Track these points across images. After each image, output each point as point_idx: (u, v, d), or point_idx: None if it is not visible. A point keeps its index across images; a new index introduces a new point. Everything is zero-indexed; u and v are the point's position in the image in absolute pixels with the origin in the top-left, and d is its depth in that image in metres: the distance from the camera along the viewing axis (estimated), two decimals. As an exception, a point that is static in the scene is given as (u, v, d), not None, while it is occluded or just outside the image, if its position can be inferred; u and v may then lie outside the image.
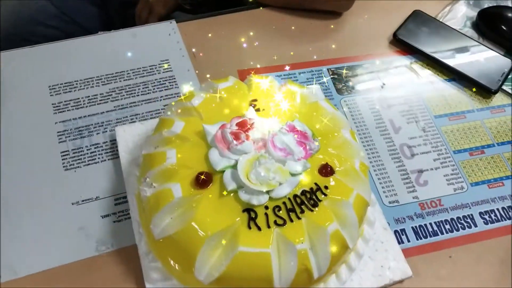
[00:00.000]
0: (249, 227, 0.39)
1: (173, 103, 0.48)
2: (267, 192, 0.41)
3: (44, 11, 0.88)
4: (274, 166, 0.41)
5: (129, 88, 0.58)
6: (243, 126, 0.43)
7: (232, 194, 0.41)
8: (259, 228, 0.39)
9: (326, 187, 0.42)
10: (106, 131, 0.54)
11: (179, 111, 0.46)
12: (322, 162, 0.44)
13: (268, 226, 0.40)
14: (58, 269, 0.45)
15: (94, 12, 0.91)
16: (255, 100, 0.47)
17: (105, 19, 0.88)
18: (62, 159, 0.52)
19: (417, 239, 0.51)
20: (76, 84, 0.58)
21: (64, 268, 0.45)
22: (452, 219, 0.53)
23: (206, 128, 0.43)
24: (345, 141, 0.46)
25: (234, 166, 0.41)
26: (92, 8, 0.92)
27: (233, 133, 0.42)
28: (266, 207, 0.41)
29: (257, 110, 0.46)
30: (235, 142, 0.42)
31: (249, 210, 0.40)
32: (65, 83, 0.58)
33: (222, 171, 0.41)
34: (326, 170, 0.43)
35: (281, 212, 0.41)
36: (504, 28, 0.70)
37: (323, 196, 0.42)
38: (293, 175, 0.42)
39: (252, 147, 0.42)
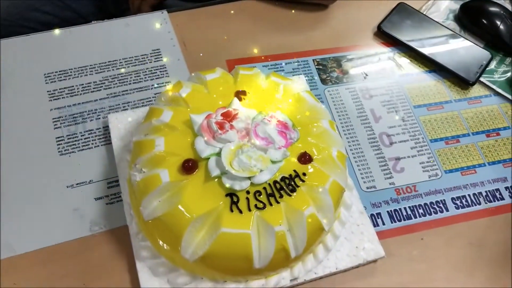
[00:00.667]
0: (231, 210, 0.43)
1: (162, 93, 0.50)
2: (249, 178, 0.44)
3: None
4: (256, 154, 0.44)
5: (121, 76, 0.61)
6: (228, 116, 0.46)
7: (216, 180, 0.44)
8: (240, 211, 0.43)
9: (304, 174, 0.45)
10: (99, 118, 0.57)
11: (168, 100, 0.49)
12: (301, 150, 0.46)
13: (249, 210, 0.43)
14: (54, 247, 0.48)
15: (88, 1, 0.93)
16: (240, 92, 0.49)
17: (99, 4, 0.90)
18: (57, 145, 0.55)
19: (392, 223, 0.54)
20: (71, 72, 0.60)
21: (60, 246, 0.48)
22: (425, 204, 0.56)
23: (192, 118, 0.46)
24: (324, 131, 0.49)
25: (219, 154, 0.44)
26: (86, -5, 0.93)
27: (218, 123, 0.45)
28: (248, 192, 0.44)
29: (242, 101, 0.49)
30: (219, 131, 0.45)
31: (231, 195, 0.43)
32: (60, 71, 0.60)
33: (207, 158, 0.44)
34: (304, 158, 0.46)
35: (261, 196, 0.44)
36: (485, 22, 0.72)
37: (301, 182, 0.45)
38: (273, 162, 0.45)
39: (235, 136, 0.45)
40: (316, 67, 0.66)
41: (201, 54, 0.64)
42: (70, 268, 0.47)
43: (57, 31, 0.64)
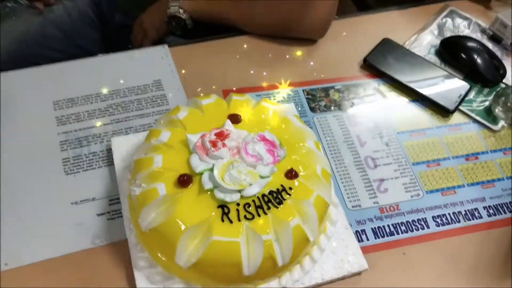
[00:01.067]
0: (223, 220, 0.46)
1: (162, 117, 0.55)
2: (239, 191, 0.48)
3: (50, 35, 0.96)
4: (246, 169, 0.48)
5: (124, 104, 0.66)
6: (221, 136, 0.51)
7: (209, 193, 0.48)
8: (231, 221, 0.46)
9: (290, 188, 0.49)
10: (103, 142, 0.62)
11: (167, 123, 0.54)
12: (288, 167, 0.51)
13: (239, 220, 0.47)
14: (59, 258, 0.51)
15: (95, 36, 1.00)
16: (233, 115, 0.54)
17: (105, 41, 0.96)
18: (64, 165, 0.59)
19: (375, 238, 0.58)
20: (78, 100, 0.65)
21: (64, 257, 0.51)
22: (407, 221, 0.60)
23: (188, 137, 0.50)
24: (309, 151, 0.53)
25: (211, 169, 0.48)
26: (93, 32, 1.00)
27: (211, 141, 0.50)
28: (238, 204, 0.47)
29: (234, 122, 0.53)
30: (212, 149, 0.49)
31: (223, 206, 0.47)
32: (67, 99, 0.65)
33: (201, 173, 0.48)
34: (291, 174, 0.50)
35: (250, 208, 0.47)
36: (463, 56, 0.77)
37: (287, 195, 0.49)
38: (262, 177, 0.49)
39: (227, 153, 0.49)
40: (306, 96, 0.71)
41: (199, 89, 0.68)
42: (73, 277, 0.50)
43: (66, 63, 0.69)
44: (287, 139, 0.53)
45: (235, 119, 0.54)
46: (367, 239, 0.58)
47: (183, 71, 0.70)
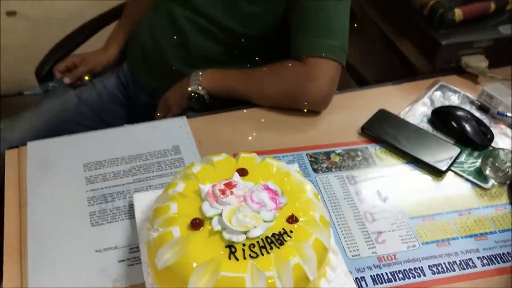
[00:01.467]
0: (230, 258, 0.52)
1: (178, 171, 0.63)
2: (245, 233, 0.53)
3: (83, 113, 1.07)
4: (251, 214, 0.55)
5: (146, 166, 0.74)
6: (229, 185, 0.58)
7: (217, 234, 0.54)
8: (237, 259, 0.52)
9: (291, 232, 0.55)
10: (126, 198, 0.69)
11: (183, 176, 0.61)
12: (289, 213, 0.57)
13: (244, 258, 0.52)
14: (82, 298, 0.57)
15: (121, 114, 1.11)
16: (240, 169, 0.61)
17: (130, 118, 1.07)
18: (90, 218, 0.66)
19: (374, 285, 0.62)
20: (105, 163, 0.74)
21: (86, 297, 0.57)
22: (404, 269, 0.64)
23: (201, 187, 0.58)
24: (309, 200, 0.59)
25: (220, 214, 0.55)
26: (120, 110, 1.12)
27: (220, 190, 0.57)
28: (244, 244, 0.53)
29: (241, 175, 0.60)
30: (221, 196, 0.56)
31: (230, 246, 0.53)
32: (96, 162, 0.74)
33: (211, 218, 0.55)
34: (291, 219, 0.56)
35: (255, 248, 0.53)
36: (453, 123, 0.85)
37: (288, 238, 0.54)
38: (265, 221, 0.55)
39: (235, 200, 0.56)
40: (309, 159, 0.78)
41: (212, 153, 0.77)
42: (94, 314, 0.55)
43: (96, 132, 0.79)
44: (289, 189, 0.60)
45: (242, 172, 0.61)
46: (366, 285, 0.62)
47: (199, 138, 0.79)
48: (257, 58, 0.94)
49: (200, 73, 0.89)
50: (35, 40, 1.64)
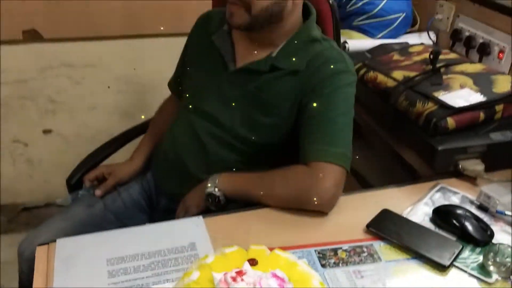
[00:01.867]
0: None
1: (193, 263, 0.68)
2: (254, 317, 0.58)
3: (107, 219, 1.15)
4: (260, 298, 0.59)
5: (164, 261, 0.79)
6: (240, 273, 0.63)
7: (229, 317, 0.58)
8: None
9: (297, 315, 0.59)
10: (145, 290, 0.74)
11: (198, 266, 0.67)
12: (295, 299, 0.61)
13: None
14: None
15: (144, 219, 1.18)
16: (251, 259, 0.67)
17: (151, 222, 1.14)
18: (111, 308, 0.71)
19: None
20: (126, 258, 0.80)
21: None
22: None
23: (214, 275, 0.63)
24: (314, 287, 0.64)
25: (232, 299, 0.59)
26: (142, 215, 1.19)
27: (232, 277, 0.62)
28: (253, 328, 0.57)
29: (252, 265, 0.66)
30: (233, 283, 0.61)
31: (241, 329, 0.57)
32: (118, 257, 0.80)
33: (223, 302, 0.59)
34: (298, 305, 0.60)
35: (263, 331, 0.57)
36: (454, 221, 0.90)
37: (295, 321, 0.58)
38: (273, 305, 0.59)
39: (245, 286, 0.61)
40: (317, 255, 0.83)
41: (226, 245, 0.82)
42: None
43: (119, 230, 0.86)
44: (296, 278, 0.64)
45: (252, 262, 0.66)
46: None
47: (214, 235, 0.85)
48: (267, 163, 1.03)
49: (217, 176, 0.98)
50: (66, 154, 1.79)
